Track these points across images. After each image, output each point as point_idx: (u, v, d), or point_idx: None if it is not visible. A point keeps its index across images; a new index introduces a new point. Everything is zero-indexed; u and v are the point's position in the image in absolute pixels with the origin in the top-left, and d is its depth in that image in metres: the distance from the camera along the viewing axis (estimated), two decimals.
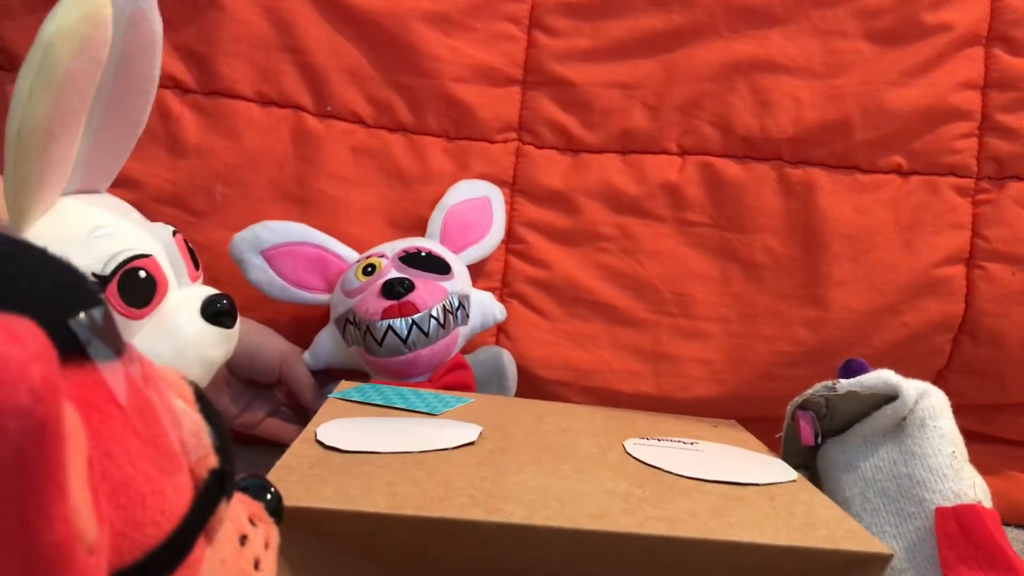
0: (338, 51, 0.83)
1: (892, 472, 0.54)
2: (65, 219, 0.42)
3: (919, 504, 0.53)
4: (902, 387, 0.54)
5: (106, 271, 0.41)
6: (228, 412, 0.73)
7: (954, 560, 0.49)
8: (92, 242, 0.42)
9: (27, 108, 0.37)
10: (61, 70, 0.37)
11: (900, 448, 0.55)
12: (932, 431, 0.54)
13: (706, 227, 0.84)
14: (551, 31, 0.85)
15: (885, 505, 0.54)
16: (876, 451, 0.56)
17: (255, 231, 0.75)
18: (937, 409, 0.55)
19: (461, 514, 0.41)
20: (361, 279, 0.73)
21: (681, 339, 0.83)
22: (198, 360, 0.44)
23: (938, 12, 0.82)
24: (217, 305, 0.45)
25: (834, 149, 0.82)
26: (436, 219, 0.80)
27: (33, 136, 0.38)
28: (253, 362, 0.72)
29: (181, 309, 0.44)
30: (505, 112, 0.85)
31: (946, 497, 0.52)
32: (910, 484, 0.53)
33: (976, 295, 0.81)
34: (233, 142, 0.82)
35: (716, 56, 0.84)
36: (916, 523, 0.52)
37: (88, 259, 0.41)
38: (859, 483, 0.55)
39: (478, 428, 0.55)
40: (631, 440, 0.58)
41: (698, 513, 0.44)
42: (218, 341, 0.45)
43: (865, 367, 0.57)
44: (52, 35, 0.37)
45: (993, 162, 0.81)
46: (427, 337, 0.70)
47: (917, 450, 0.54)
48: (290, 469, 0.45)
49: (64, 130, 0.40)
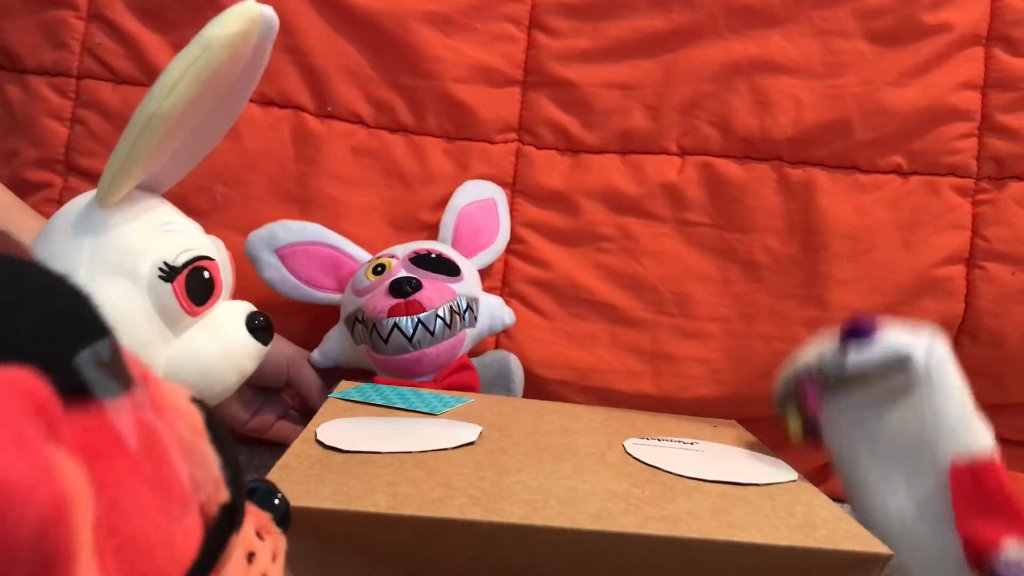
0: (338, 52, 0.83)
1: (901, 428, 0.53)
2: (141, 208, 0.45)
3: (931, 460, 0.51)
4: (914, 354, 0.53)
5: (177, 263, 0.43)
6: (239, 418, 0.73)
7: (969, 515, 0.49)
8: (165, 234, 0.44)
9: (168, 95, 0.39)
10: (210, 70, 0.40)
11: (908, 404, 0.53)
12: (940, 385, 0.53)
13: (706, 227, 0.84)
14: (551, 32, 0.85)
15: (895, 462, 0.53)
16: (883, 408, 0.54)
17: (271, 229, 0.76)
18: (943, 361, 0.54)
19: (461, 514, 0.41)
20: (371, 278, 0.73)
21: (681, 339, 0.83)
22: (237, 367, 0.46)
23: (938, 12, 0.82)
24: (258, 320, 0.48)
25: (834, 149, 0.82)
26: (448, 222, 0.81)
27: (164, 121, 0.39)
28: (261, 368, 0.72)
29: (229, 317, 0.46)
30: (505, 113, 0.85)
31: (958, 452, 0.51)
32: (921, 440, 0.52)
33: (976, 295, 0.81)
34: (234, 142, 0.82)
35: (716, 56, 0.84)
36: (927, 480, 0.51)
37: (162, 250, 0.43)
38: (865, 440, 0.54)
39: (478, 428, 0.55)
40: (631, 440, 0.58)
41: (698, 513, 0.44)
42: (254, 354, 0.47)
43: (872, 325, 0.55)
44: (215, 36, 0.40)
45: (993, 162, 0.81)
46: (432, 336, 0.70)
47: (927, 405, 0.53)
48: (290, 469, 0.45)
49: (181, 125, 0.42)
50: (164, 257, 0.43)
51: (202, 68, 0.40)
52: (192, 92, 0.40)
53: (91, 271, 0.41)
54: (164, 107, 0.39)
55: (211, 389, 0.45)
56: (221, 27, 0.40)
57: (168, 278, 0.42)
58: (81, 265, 0.41)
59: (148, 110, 0.39)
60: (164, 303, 0.42)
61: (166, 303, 0.42)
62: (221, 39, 0.40)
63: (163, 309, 0.43)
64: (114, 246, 0.42)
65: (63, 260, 0.41)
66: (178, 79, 0.39)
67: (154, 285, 0.42)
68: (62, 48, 0.82)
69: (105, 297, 0.40)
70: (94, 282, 0.41)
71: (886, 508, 0.52)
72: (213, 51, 0.40)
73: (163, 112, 0.39)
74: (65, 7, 0.82)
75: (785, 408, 0.60)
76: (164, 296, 0.42)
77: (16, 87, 0.82)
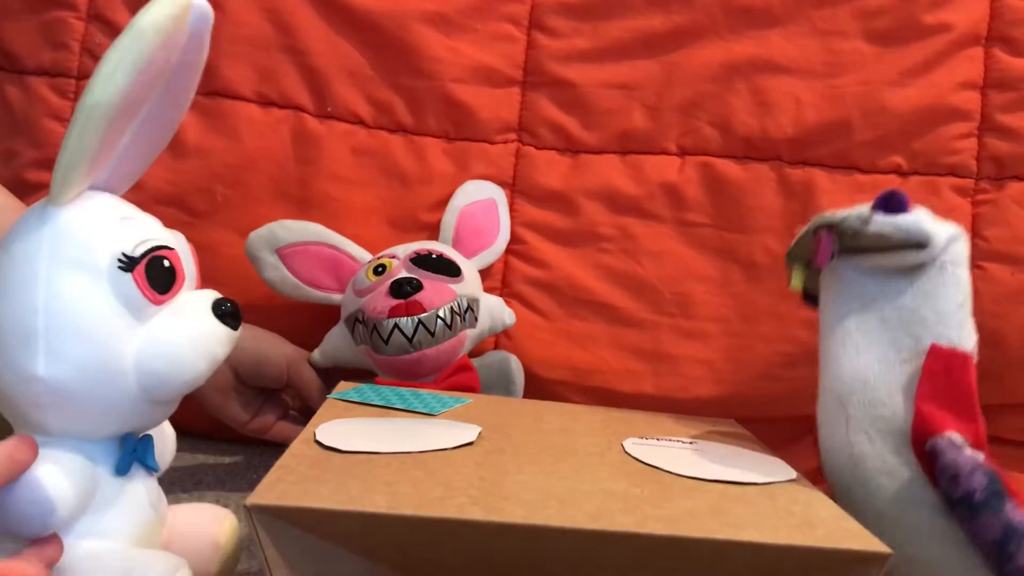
0: (338, 52, 0.83)
1: (898, 303, 0.56)
2: (97, 204, 0.45)
3: (914, 339, 0.55)
4: (935, 239, 0.54)
5: (136, 253, 0.44)
6: (239, 419, 0.73)
7: (928, 394, 0.52)
8: (122, 227, 0.45)
9: (107, 84, 0.40)
10: (145, 58, 0.41)
11: (912, 283, 0.55)
12: (950, 276, 0.55)
13: (706, 227, 0.84)
14: (551, 32, 0.85)
15: (879, 329, 0.56)
16: (887, 279, 0.56)
17: (272, 229, 0.76)
18: (960, 257, 0.56)
19: (460, 514, 0.41)
20: (371, 278, 0.73)
21: (681, 339, 0.83)
22: (208, 354, 0.46)
23: (937, 12, 0.82)
24: (225, 306, 0.48)
25: (834, 149, 0.82)
26: (448, 223, 0.81)
27: (106, 111, 0.40)
28: (261, 369, 0.73)
29: (194, 304, 0.47)
30: (505, 113, 0.85)
31: (941, 341, 0.54)
32: (912, 320, 0.55)
33: (976, 296, 0.79)
34: (233, 143, 0.82)
35: (716, 57, 0.84)
36: (904, 355, 0.55)
37: (120, 241, 0.43)
38: (859, 303, 0.57)
39: (477, 428, 0.55)
40: (630, 440, 0.58)
41: (697, 512, 0.44)
42: (225, 340, 0.47)
43: (905, 204, 0.56)
44: (146, 23, 0.41)
45: (993, 162, 0.81)
46: (433, 337, 0.70)
47: (930, 289, 0.55)
48: (289, 469, 0.45)
49: (124, 117, 0.43)
50: (122, 248, 0.43)
51: (137, 56, 0.40)
52: (130, 81, 0.41)
53: (51, 268, 0.42)
54: (104, 97, 0.40)
55: (181, 376, 0.45)
56: (151, 14, 0.41)
57: (128, 268, 0.43)
58: (41, 262, 0.42)
59: (89, 101, 0.40)
60: (126, 293, 0.43)
61: (128, 293, 0.43)
62: (153, 25, 0.41)
63: (126, 300, 0.43)
64: (72, 241, 0.43)
65: (23, 260, 0.42)
66: (115, 68, 0.40)
67: (115, 276, 0.43)
68: (62, 49, 0.82)
69: (69, 292, 0.42)
70: (55, 278, 0.42)
71: (855, 362, 0.56)
72: (147, 38, 0.41)
73: (104, 102, 0.40)
74: (65, 8, 0.82)
75: (794, 260, 0.62)
76: (125, 286, 0.43)
77: (16, 88, 0.82)
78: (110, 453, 0.46)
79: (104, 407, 0.44)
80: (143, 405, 0.45)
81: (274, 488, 0.42)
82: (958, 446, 0.50)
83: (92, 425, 0.45)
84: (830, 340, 0.58)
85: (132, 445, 0.47)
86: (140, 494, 0.47)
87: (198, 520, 0.52)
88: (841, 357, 0.57)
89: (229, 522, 0.53)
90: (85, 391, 0.43)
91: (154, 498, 0.49)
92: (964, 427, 0.51)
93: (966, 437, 0.51)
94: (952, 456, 0.49)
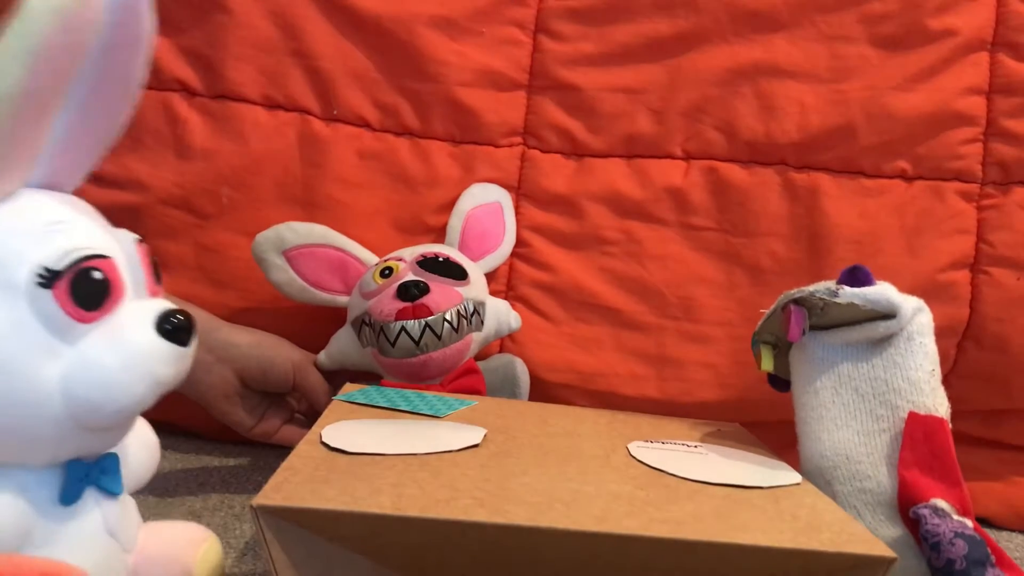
0: (345, 55, 0.83)
1: (870, 375, 0.58)
2: (22, 207, 0.40)
3: (891, 409, 0.57)
4: (902, 309, 0.57)
5: (59, 266, 0.38)
6: (244, 424, 0.73)
7: (911, 461, 0.54)
8: (48, 234, 0.39)
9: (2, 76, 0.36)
10: (37, 41, 0.36)
11: (882, 355, 0.58)
12: (918, 346, 0.58)
13: (711, 231, 0.84)
14: (557, 36, 0.85)
15: (855, 402, 0.58)
16: (857, 353, 0.59)
17: (279, 231, 0.76)
18: (926, 327, 0.59)
19: (466, 515, 0.41)
20: (378, 281, 0.73)
21: (685, 343, 0.83)
22: (146, 375, 0.40)
23: (943, 17, 0.82)
24: (172, 320, 0.42)
25: (839, 154, 0.82)
26: (455, 226, 0.81)
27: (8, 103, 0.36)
28: (266, 375, 0.73)
29: (133, 319, 0.41)
30: (510, 116, 0.85)
31: (918, 409, 0.56)
32: (886, 390, 0.57)
33: (981, 300, 0.81)
34: (240, 145, 0.82)
35: (721, 61, 0.84)
36: (882, 424, 0.56)
37: (42, 252, 0.38)
38: (833, 378, 0.59)
39: (482, 431, 0.55)
40: (635, 443, 0.58)
41: (702, 515, 0.44)
42: (170, 358, 0.41)
43: (870, 278, 0.59)
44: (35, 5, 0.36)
45: (998, 167, 0.81)
46: (439, 340, 0.70)
47: (900, 360, 0.57)
48: (295, 471, 0.45)
49: (35, 109, 0.38)
50: (43, 261, 0.38)
51: (29, 42, 0.36)
52: (25, 71, 0.36)
53: None
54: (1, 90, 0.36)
55: (114, 403, 0.40)
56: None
57: (48, 284, 0.38)
58: None
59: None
60: (46, 312, 0.38)
61: (49, 312, 0.38)
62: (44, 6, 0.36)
63: (46, 319, 0.38)
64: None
65: None
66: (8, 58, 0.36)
67: (32, 293, 0.38)
68: None
69: None
70: None
71: (835, 436, 0.58)
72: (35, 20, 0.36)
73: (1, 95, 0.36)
74: None
75: (760, 341, 0.65)
76: (45, 304, 0.38)
77: None
78: (52, 482, 0.41)
79: (23, 437, 0.39)
80: (77, 433, 0.40)
81: (280, 489, 0.42)
82: (941, 513, 0.50)
83: (14, 455, 0.40)
84: (807, 416, 0.60)
85: (81, 471, 0.42)
86: (93, 524, 0.43)
87: (172, 543, 0.48)
88: (820, 432, 0.58)
89: (206, 547, 0.49)
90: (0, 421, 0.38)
91: (113, 524, 0.44)
92: (948, 492, 0.53)
93: (951, 502, 0.52)
94: (933, 524, 0.50)
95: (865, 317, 0.58)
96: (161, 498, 0.67)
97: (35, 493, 0.40)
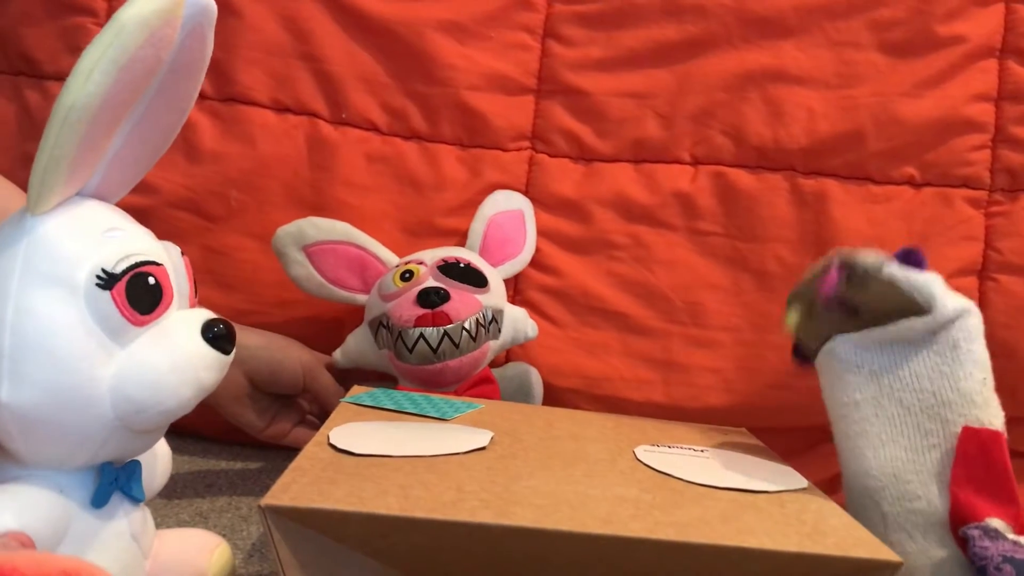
0: (354, 59, 0.84)
1: (915, 386, 0.53)
2: (81, 213, 0.42)
3: (941, 423, 0.52)
4: (938, 304, 0.52)
5: (117, 269, 0.40)
6: (255, 426, 0.74)
7: (964, 478, 0.50)
8: (105, 240, 0.41)
9: (85, 84, 0.37)
10: (127, 55, 0.37)
11: (927, 364, 0.53)
12: (966, 354, 0.53)
13: (718, 236, 0.84)
14: (565, 41, 0.86)
15: (901, 416, 0.53)
16: (898, 360, 0.54)
17: (300, 226, 0.76)
18: (973, 332, 0.54)
19: (472, 517, 0.41)
20: (398, 284, 0.73)
21: (692, 348, 0.83)
22: (192, 380, 0.42)
23: (952, 24, 0.82)
24: (216, 328, 0.43)
25: (847, 160, 0.83)
26: (477, 230, 0.81)
27: (83, 113, 0.37)
28: (276, 378, 0.73)
29: (181, 325, 0.43)
30: (519, 121, 0.85)
31: (970, 421, 0.52)
32: (935, 403, 0.53)
33: (989, 307, 0.80)
34: (249, 148, 0.82)
35: (729, 66, 0.84)
36: (932, 440, 0.52)
37: (100, 255, 0.40)
38: (873, 388, 0.54)
39: (489, 433, 0.55)
40: (641, 447, 0.58)
41: (708, 519, 0.44)
42: (214, 365, 0.43)
43: (923, 263, 0.55)
44: (127, 19, 0.37)
45: (1006, 174, 0.81)
46: (457, 349, 0.70)
47: (947, 370, 0.53)
48: (303, 471, 0.45)
49: (108, 119, 0.40)
50: (102, 263, 0.40)
51: (118, 53, 0.37)
52: (111, 80, 0.37)
53: (23, 282, 0.38)
54: (81, 97, 0.37)
55: (161, 405, 0.41)
56: (135, 7, 0.38)
57: (106, 286, 0.39)
58: (13, 276, 0.38)
59: (66, 102, 0.37)
60: (104, 313, 0.39)
61: (106, 313, 0.39)
62: (135, 20, 0.37)
63: (103, 320, 0.39)
64: (47, 254, 0.39)
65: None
66: (93, 66, 0.37)
67: (92, 294, 0.39)
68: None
69: (39, 309, 0.38)
70: (27, 294, 0.38)
71: (881, 454, 0.53)
72: (127, 34, 0.37)
73: (82, 103, 0.37)
74: (85, 13, 0.82)
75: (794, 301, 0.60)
76: (103, 305, 0.39)
77: (35, 92, 0.83)
78: (86, 484, 0.42)
79: (75, 436, 0.40)
80: (121, 433, 0.42)
81: (288, 489, 0.42)
82: (993, 535, 0.47)
83: (63, 454, 0.41)
84: (848, 430, 0.56)
85: (112, 475, 0.43)
86: (120, 527, 0.44)
87: (185, 549, 0.49)
88: (864, 449, 0.54)
89: (218, 552, 0.50)
90: (53, 418, 0.39)
91: (137, 530, 0.45)
92: (1003, 510, 0.49)
93: (1006, 521, 0.49)
94: (981, 546, 0.46)
95: (898, 309, 0.53)
96: (168, 500, 0.67)
97: (71, 494, 0.41)
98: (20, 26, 0.83)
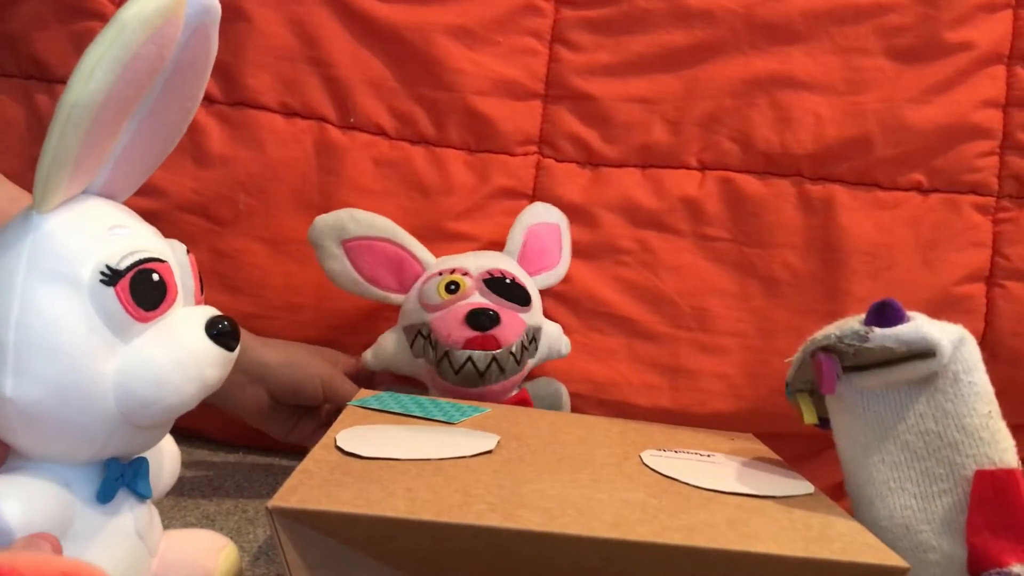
0: (362, 63, 0.84)
1: (919, 427, 0.50)
2: (86, 210, 0.42)
3: (948, 466, 0.49)
4: (941, 347, 0.49)
5: (121, 266, 0.40)
6: (279, 433, 0.75)
7: (980, 525, 0.47)
8: (110, 237, 0.41)
9: (88, 82, 0.37)
10: (130, 52, 0.38)
11: (930, 403, 0.50)
12: (967, 387, 0.50)
13: (725, 242, 0.84)
14: (573, 46, 0.86)
15: (908, 461, 0.50)
16: (901, 401, 0.51)
17: (340, 218, 0.74)
18: (971, 362, 0.50)
19: (479, 520, 0.41)
20: (444, 296, 0.71)
21: (699, 353, 0.83)
22: (196, 377, 0.42)
23: (960, 30, 0.82)
24: (221, 325, 0.43)
25: (854, 166, 0.82)
26: (516, 237, 0.79)
27: (86, 111, 0.38)
28: (297, 395, 0.74)
29: (186, 322, 0.43)
30: (526, 125, 0.85)
31: (980, 462, 0.49)
32: (940, 444, 0.49)
33: (996, 314, 0.80)
34: (257, 152, 0.83)
35: (737, 72, 0.84)
36: (942, 485, 0.49)
37: (104, 252, 0.40)
38: (878, 431, 0.52)
39: (496, 437, 0.55)
40: (648, 451, 0.58)
41: (715, 523, 0.44)
42: (218, 361, 0.43)
43: (901, 313, 0.51)
44: (129, 17, 0.37)
45: (1014, 180, 0.81)
46: (503, 373, 0.70)
47: (950, 408, 0.50)
48: (310, 474, 0.45)
49: (112, 117, 0.40)
50: (106, 260, 0.40)
51: (120, 51, 0.37)
52: (113, 78, 0.38)
53: (28, 278, 0.39)
54: (84, 95, 0.37)
55: (164, 400, 0.41)
56: (137, 6, 0.38)
57: (111, 282, 0.40)
58: (18, 273, 0.39)
59: (69, 100, 0.37)
60: (108, 309, 0.40)
61: (110, 309, 0.40)
62: (137, 18, 0.38)
63: (107, 316, 0.40)
64: (52, 251, 0.39)
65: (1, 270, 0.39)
66: (95, 64, 0.37)
67: (96, 290, 0.39)
68: None
69: (43, 305, 0.38)
70: (32, 290, 0.39)
71: (890, 503, 0.51)
72: (129, 31, 0.37)
73: (85, 101, 0.37)
74: (94, 17, 0.83)
75: (795, 390, 0.58)
76: (107, 301, 0.40)
77: (45, 96, 0.83)
78: (91, 479, 0.42)
79: (79, 431, 0.41)
80: (125, 429, 0.42)
81: (295, 491, 0.42)
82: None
83: (67, 449, 0.41)
84: (856, 478, 0.53)
85: (118, 471, 0.43)
86: (125, 524, 0.44)
87: (192, 549, 0.49)
88: (873, 498, 0.51)
89: (226, 552, 0.50)
90: (56, 413, 0.39)
91: (143, 527, 0.45)
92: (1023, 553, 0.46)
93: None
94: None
95: (902, 357, 0.51)
96: (175, 501, 0.67)
97: (76, 488, 0.42)
98: (30, 30, 0.83)
